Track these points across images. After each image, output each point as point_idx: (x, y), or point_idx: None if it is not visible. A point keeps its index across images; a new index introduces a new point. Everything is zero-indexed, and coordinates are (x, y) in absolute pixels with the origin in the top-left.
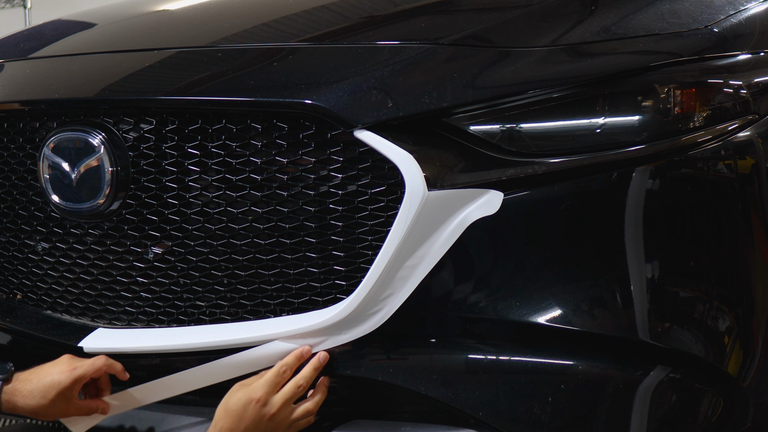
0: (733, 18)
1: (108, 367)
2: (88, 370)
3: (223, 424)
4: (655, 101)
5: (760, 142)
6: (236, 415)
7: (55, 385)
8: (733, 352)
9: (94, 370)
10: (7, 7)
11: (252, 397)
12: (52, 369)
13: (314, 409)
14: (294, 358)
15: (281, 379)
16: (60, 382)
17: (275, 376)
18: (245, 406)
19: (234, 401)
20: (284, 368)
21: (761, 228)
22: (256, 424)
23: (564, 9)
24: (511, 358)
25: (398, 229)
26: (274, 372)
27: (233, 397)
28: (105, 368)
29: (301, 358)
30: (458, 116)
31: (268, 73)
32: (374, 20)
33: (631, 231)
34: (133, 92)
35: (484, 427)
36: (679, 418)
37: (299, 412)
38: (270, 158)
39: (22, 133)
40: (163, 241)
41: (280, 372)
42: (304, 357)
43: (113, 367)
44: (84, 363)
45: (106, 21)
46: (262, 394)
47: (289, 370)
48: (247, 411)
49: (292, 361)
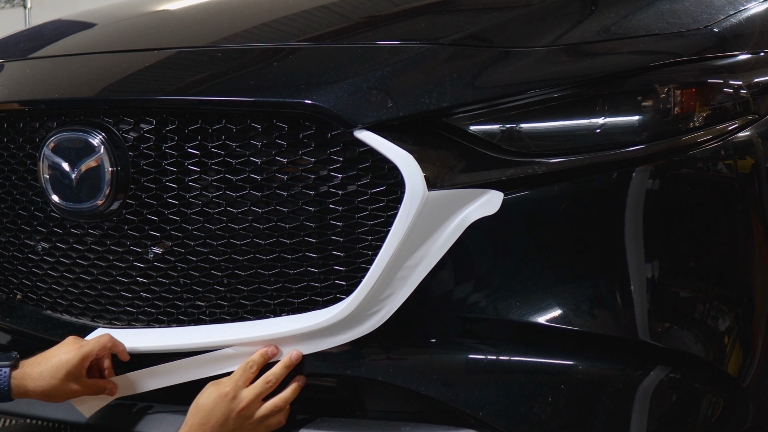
0: (733, 18)
1: (113, 345)
2: (94, 347)
3: (193, 420)
4: (655, 101)
5: (760, 142)
6: (206, 410)
7: (64, 364)
8: (733, 352)
9: (100, 346)
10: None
11: (221, 392)
12: (59, 350)
13: (282, 406)
14: (260, 356)
15: (249, 375)
16: (68, 361)
17: (243, 372)
18: (215, 401)
19: (204, 397)
20: (251, 365)
21: (761, 228)
22: (225, 418)
23: (564, 9)
24: (511, 358)
25: (398, 229)
26: (242, 368)
27: (204, 394)
28: (110, 345)
29: (266, 356)
30: (458, 116)
31: (268, 73)
32: (374, 20)
33: (631, 231)
34: (133, 92)
35: (484, 427)
36: (679, 418)
37: (267, 407)
38: (270, 158)
39: (22, 133)
40: (163, 241)
41: (248, 368)
42: (270, 356)
43: (117, 345)
44: (89, 341)
45: (106, 21)
46: (231, 388)
47: (256, 366)
48: (216, 406)
49: (258, 359)
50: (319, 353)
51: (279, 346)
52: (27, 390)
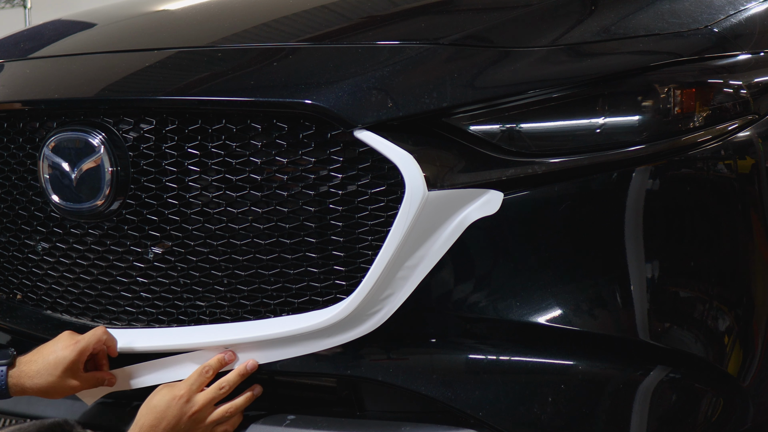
0: (733, 18)
1: (108, 338)
2: (90, 341)
3: (144, 421)
4: (655, 101)
5: (760, 142)
6: (159, 411)
7: (61, 360)
8: (733, 352)
9: (96, 340)
10: (7, 7)
11: (175, 395)
12: (55, 346)
13: (233, 412)
14: (216, 360)
15: (204, 379)
16: (65, 357)
17: (198, 375)
18: (168, 403)
19: (157, 399)
20: (207, 369)
21: (761, 228)
22: (177, 420)
23: (564, 9)
24: (511, 358)
25: (398, 229)
26: (197, 372)
27: (157, 395)
28: (105, 338)
29: (223, 361)
30: (458, 116)
31: (268, 73)
32: (374, 20)
33: (631, 231)
34: (133, 92)
35: (484, 427)
36: (679, 418)
37: (218, 413)
38: (270, 158)
39: (22, 133)
40: (163, 241)
41: (203, 372)
42: (227, 361)
43: (111, 339)
44: (85, 335)
45: (106, 21)
46: (185, 391)
47: (212, 371)
48: (169, 408)
49: (215, 363)
50: (319, 353)
51: (279, 346)
52: (25, 388)
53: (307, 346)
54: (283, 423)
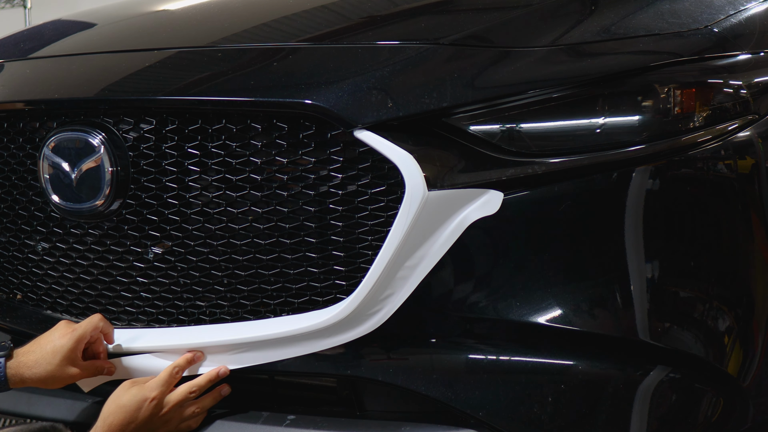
0: (733, 18)
1: (104, 325)
2: (87, 329)
3: (113, 420)
4: (655, 101)
5: (760, 142)
6: (129, 412)
7: (59, 349)
8: (733, 352)
9: (93, 327)
10: (7, 7)
11: (147, 396)
12: (52, 335)
13: (200, 412)
14: (185, 360)
15: (173, 380)
16: (63, 345)
17: (168, 376)
18: (140, 404)
19: (128, 398)
20: (176, 369)
21: (761, 228)
22: (146, 422)
23: (564, 9)
24: (511, 358)
25: (398, 229)
26: (167, 372)
27: (126, 394)
28: (102, 325)
29: (192, 360)
30: (458, 116)
31: (268, 73)
32: (374, 20)
33: (631, 231)
34: (133, 92)
35: (484, 427)
36: (679, 418)
37: (187, 412)
38: (270, 158)
39: (23, 133)
40: (163, 241)
41: (173, 373)
42: (195, 361)
43: (108, 326)
44: (82, 323)
45: (106, 21)
46: (158, 393)
47: (180, 370)
48: (141, 409)
49: (183, 363)
50: (319, 353)
51: (279, 346)
52: (24, 378)
53: (307, 346)
54: (283, 423)
